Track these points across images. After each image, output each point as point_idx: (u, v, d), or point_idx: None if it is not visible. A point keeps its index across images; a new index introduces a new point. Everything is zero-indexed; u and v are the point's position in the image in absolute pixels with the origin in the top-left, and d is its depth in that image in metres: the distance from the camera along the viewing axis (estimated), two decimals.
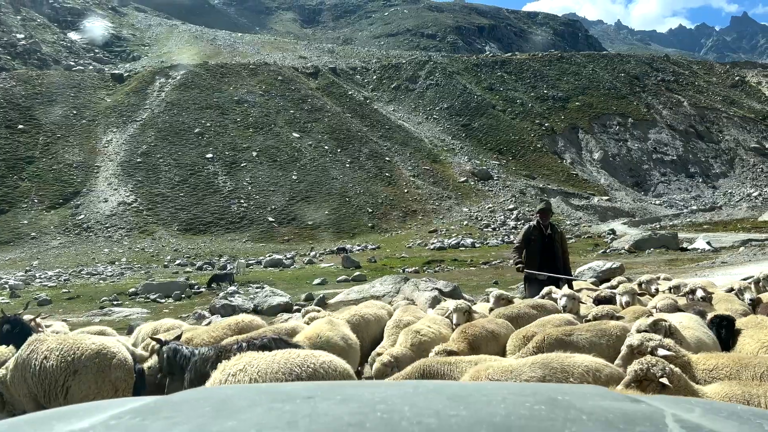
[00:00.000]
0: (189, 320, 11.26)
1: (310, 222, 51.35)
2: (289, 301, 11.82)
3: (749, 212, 49.22)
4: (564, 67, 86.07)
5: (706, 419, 1.02)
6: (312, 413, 0.93)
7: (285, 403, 1.00)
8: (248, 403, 1.02)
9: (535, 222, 7.80)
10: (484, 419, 0.91)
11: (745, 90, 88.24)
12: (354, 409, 0.95)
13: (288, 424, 0.89)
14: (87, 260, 40.88)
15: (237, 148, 60.03)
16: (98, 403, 1.24)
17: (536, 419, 0.92)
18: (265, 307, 11.48)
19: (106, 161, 56.41)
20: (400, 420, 0.90)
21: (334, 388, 1.17)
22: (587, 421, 0.93)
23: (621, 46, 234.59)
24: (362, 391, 1.13)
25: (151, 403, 1.06)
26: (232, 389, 1.22)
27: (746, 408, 1.45)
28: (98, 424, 0.94)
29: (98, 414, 1.00)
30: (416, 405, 0.97)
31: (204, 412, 0.97)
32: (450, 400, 1.02)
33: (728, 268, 16.49)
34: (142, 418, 0.94)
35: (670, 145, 72.48)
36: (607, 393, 1.25)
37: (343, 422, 0.89)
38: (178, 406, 1.02)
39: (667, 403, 1.12)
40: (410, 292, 10.48)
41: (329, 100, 71.83)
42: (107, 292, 23.39)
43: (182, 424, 0.91)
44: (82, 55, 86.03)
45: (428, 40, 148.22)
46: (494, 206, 55.33)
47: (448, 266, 30.37)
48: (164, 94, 67.05)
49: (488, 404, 1.00)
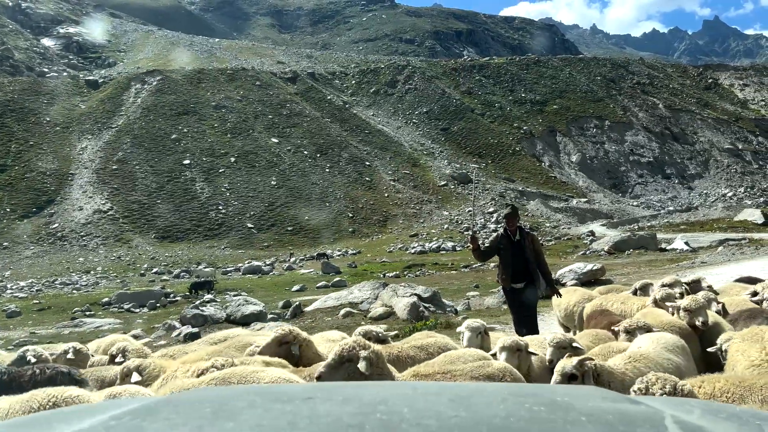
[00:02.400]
0: (159, 331, 10.91)
1: (290, 228, 50.91)
2: (263, 309, 11.48)
3: (725, 212, 49.78)
4: (541, 71, 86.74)
5: (706, 420, 1.02)
6: (312, 414, 0.94)
7: (285, 404, 1.00)
8: (248, 404, 1.01)
9: (502, 230, 7.37)
10: (483, 420, 0.91)
11: (718, 92, 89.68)
12: (354, 410, 0.96)
13: (288, 425, 0.89)
14: (61, 270, 40.03)
15: (215, 153, 59.39)
16: (98, 404, 1.25)
17: (536, 421, 0.93)
18: (238, 316, 11.10)
19: (81, 169, 55.43)
20: (399, 421, 0.90)
21: (334, 389, 1.16)
22: (587, 422, 0.93)
23: (597, 50, 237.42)
24: (362, 392, 1.12)
25: (151, 404, 1.06)
26: (232, 390, 1.09)
27: (746, 409, 1.40)
28: (98, 425, 0.95)
29: (98, 414, 1.01)
30: (416, 406, 0.97)
31: (203, 414, 0.97)
32: (450, 401, 1.02)
33: (708, 268, 16.55)
34: (141, 419, 0.95)
35: (646, 147, 73.30)
36: (607, 394, 1.22)
37: (343, 423, 0.89)
38: (177, 407, 1.02)
39: (667, 405, 1.11)
40: (389, 298, 10.24)
41: (308, 105, 71.48)
42: (80, 302, 22.80)
43: (181, 425, 0.91)
44: (56, 61, 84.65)
45: (406, 45, 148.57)
46: (474, 210, 55.30)
47: (429, 270, 30.18)
48: (140, 100, 66.18)
49: (488, 405, 1.00)
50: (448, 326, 8.65)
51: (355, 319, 10.08)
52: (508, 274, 7.02)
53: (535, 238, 7.37)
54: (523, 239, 7.10)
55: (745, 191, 65.35)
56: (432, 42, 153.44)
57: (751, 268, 15.20)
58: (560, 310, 7.58)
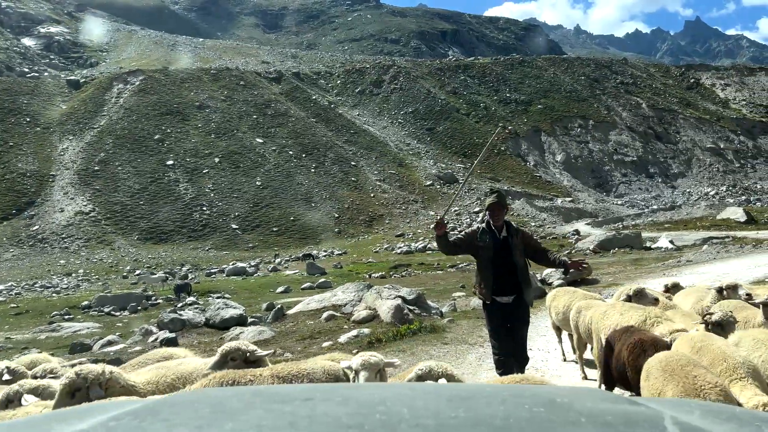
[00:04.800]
0: (135, 335, 10.61)
1: (275, 229, 50.52)
2: (243, 313, 11.19)
3: (707, 211, 50.21)
4: (526, 71, 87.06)
5: (706, 421, 1.01)
6: (311, 415, 0.94)
7: (284, 405, 1.00)
8: (247, 404, 1.02)
9: (485, 224, 5.43)
10: (483, 421, 0.91)
11: (700, 92, 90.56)
12: (353, 410, 0.96)
13: (287, 425, 0.89)
14: (42, 272, 39.35)
15: (198, 154, 58.81)
16: (98, 405, 1.23)
17: (535, 421, 0.93)
18: (218, 320, 10.75)
19: (62, 170, 54.61)
20: (399, 422, 0.90)
21: (333, 390, 1.16)
22: (586, 423, 0.93)
23: (581, 50, 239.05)
24: (361, 392, 1.12)
25: (150, 404, 1.07)
26: (231, 391, 1.10)
27: (746, 410, 1.33)
28: (97, 426, 0.95)
29: (98, 415, 1.01)
30: (415, 406, 0.97)
31: (203, 414, 0.97)
32: (449, 401, 1.02)
33: (695, 267, 16.54)
34: (140, 420, 0.95)
35: (630, 146, 73.81)
36: (606, 395, 1.22)
37: (342, 424, 0.89)
38: (177, 407, 1.02)
39: (666, 405, 1.11)
40: (373, 301, 10.03)
41: (293, 105, 71.07)
42: (59, 306, 22.33)
43: (181, 426, 0.92)
44: (36, 61, 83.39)
45: (392, 45, 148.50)
46: (460, 209, 55.33)
47: (415, 270, 30.03)
48: (122, 100, 65.38)
49: (487, 406, 1.00)
50: (433, 330, 8.48)
51: (338, 322, 9.86)
52: (489, 282, 5.26)
53: (529, 238, 5.59)
54: (511, 237, 5.31)
55: (727, 190, 66.04)
56: (417, 42, 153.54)
57: (736, 266, 15.21)
58: (556, 313, 6.91)
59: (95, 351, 9.99)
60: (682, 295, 6.86)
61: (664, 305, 5.88)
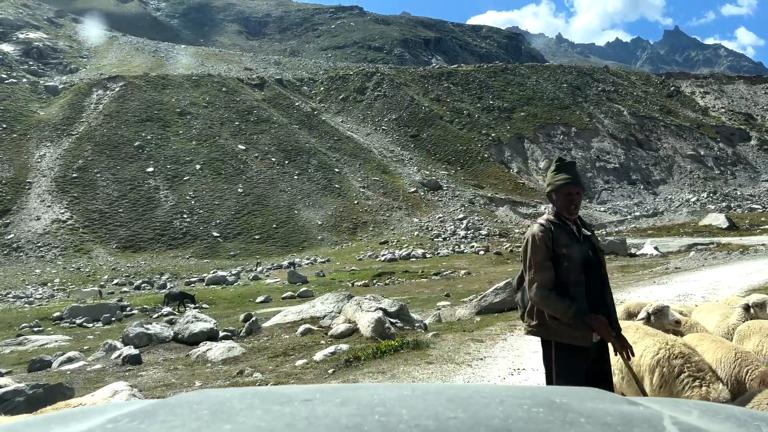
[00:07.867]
0: (98, 351, 9.99)
1: (258, 236, 49.81)
2: (214, 327, 10.53)
3: (689, 217, 50.55)
4: (508, 78, 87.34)
5: (704, 421, 1.02)
6: (310, 416, 0.94)
7: (283, 406, 1.00)
8: (246, 406, 1.01)
9: (553, 216, 3.47)
10: (482, 421, 0.91)
11: (680, 100, 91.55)
12: (352, 411, 0.96)
13: (286, 426, 0.89)
14: (17, 282, 38.28)
15: (179, 161, 57.92)
16: (96, 407, 1.23)
17: (534, 422, 0.93)
18: (187, 335, 10.03)
19: (39, 177, 53.43)
20: (398, 423, 0.90)
21: (332, 391, 1.16)
22: (585, 423, 0.93)
23: (562, 59, 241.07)
24: (361, 393, 1.12)
25: (149, 406, 1.06)
26: (230, 392, 1.11)
27: (744, 410, 1.28)
28: (96, 427, 0.95)
29: (97, 417, 1.01)
30: (414, 407, 0.97)
31: (201, 416, 0.97)
32: (448, 402, 1.02)
33: (684, 274, 16.24)
34: (139, 422, 0.95)
35: (612, 153, 74.20)
36: (605, 395, 1.23)
37: (341, 425, 0.89)
38: (175, 409, 1.02)
39: (665, 406, 1.12)
40: (352, 313, 9.51)
41: (276, 112, 70.46)
42: (30, 317, 21.51)
43: (179, 427, 0.91)
44: (15, 67, 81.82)
45: (375, 53, 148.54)
46: (444, 216, 55.06)
47: (399, 278, 29.60)
48: (102, 106, 64.31)
49: (486, 407, 1.00)
50: (416, 346, 7.80)
51: (314, 337, 9.29)
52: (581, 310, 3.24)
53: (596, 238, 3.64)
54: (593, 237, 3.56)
55: (708, 196, 66.60)
56: (400, 50, 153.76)
57: (727, 273, 14.93)
58: None
59: (53, 369, 9.36)
60: (703, 311, 6.31)
61: (687, 325, 5.36)
